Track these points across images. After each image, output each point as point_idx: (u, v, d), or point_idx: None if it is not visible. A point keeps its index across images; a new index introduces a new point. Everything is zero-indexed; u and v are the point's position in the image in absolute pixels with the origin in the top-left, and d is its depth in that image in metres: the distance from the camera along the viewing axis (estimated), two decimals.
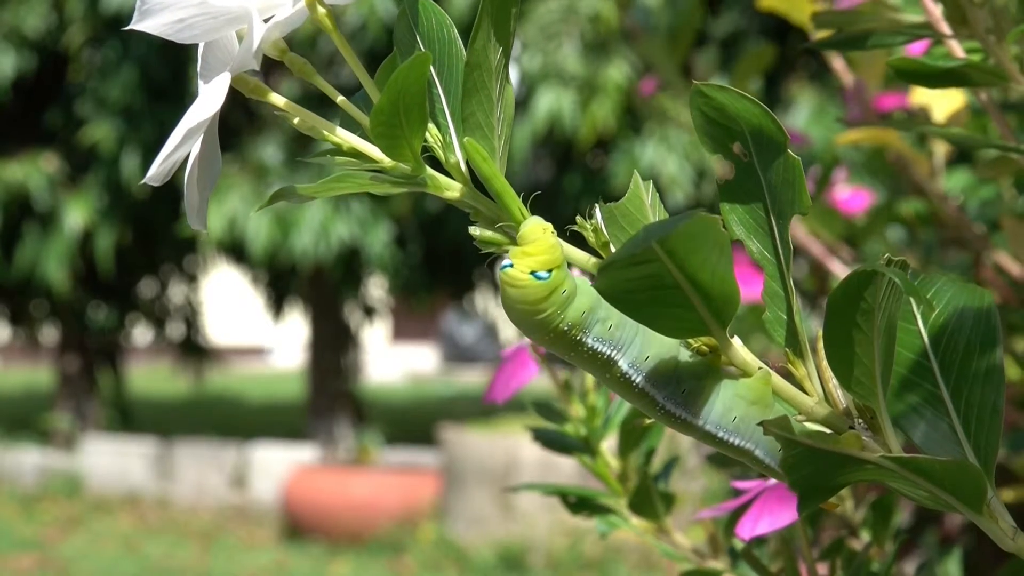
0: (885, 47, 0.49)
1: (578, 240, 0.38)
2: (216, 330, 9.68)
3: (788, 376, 0.37)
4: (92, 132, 5.98)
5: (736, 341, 0.37)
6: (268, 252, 5.79)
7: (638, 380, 0.37)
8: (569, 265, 0.37)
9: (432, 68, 0.38)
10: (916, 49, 0.78)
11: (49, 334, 7.85)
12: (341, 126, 0.38)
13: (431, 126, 0.38)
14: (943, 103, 0.77)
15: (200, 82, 0.39)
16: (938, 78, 0.48)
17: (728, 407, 0.37)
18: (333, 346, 6.81)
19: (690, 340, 0.37)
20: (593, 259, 0.37)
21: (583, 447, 0.57)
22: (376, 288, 7.12)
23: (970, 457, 0.36)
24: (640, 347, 0.37)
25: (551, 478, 4.54)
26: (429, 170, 0.38)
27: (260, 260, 5.94)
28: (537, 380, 0.61)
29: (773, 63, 1.02)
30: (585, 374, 0.58)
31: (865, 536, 0.58)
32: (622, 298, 0.34)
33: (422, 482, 5.29)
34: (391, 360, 14.61)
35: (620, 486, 0.57)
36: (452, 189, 0.38)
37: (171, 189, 6.05)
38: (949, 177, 0.88)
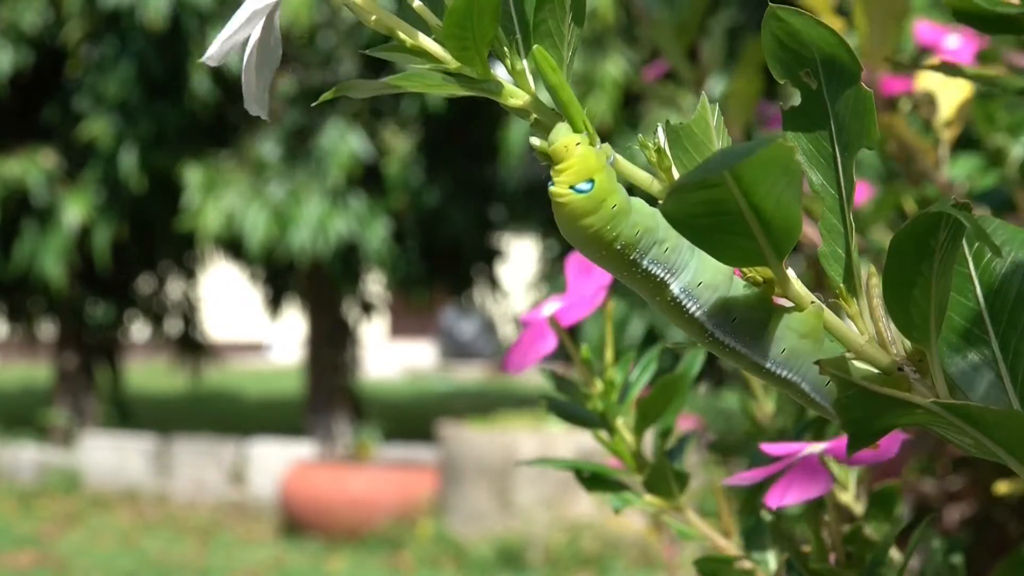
0: None
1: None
2: (214, 326, 9.68)
3: (838, 313, 0.37)
4: (90, 128, 5.97)
5: (791, 273, 0.36)
6: (266, 248, 5.78)
7: (690, 305, 0.36)
8: (629, 190, 0.36)
9: None
10: (924, 32, 0.79)
11: (47, 330, 7.84)
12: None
13: (499, 32, 0.37)
14: (950, 92, 0.77)
15: None
16: (995, 22, 0.47)
17: (778, 339, 0.37)
18: (331, 342, 6.81)
19: (745, 269, 0.36)
20: (655, 180, 0.36)
21: (599, 422, 0.57)
22: (374, 284, 7.12)
23: (1015, 404, 0.36)
24: (694, 272, 0.36)
25: (549, 473, 4.54)
26: (496, 75, 0.37)
27: (258, 256, 5.94)
28: (536, 378, 0.61)
29: None
30: (603, 352, 0.58)
31: (870, 525, 0.58)
32: (685, 222, 0.34)
33: (420, 478, 5.29)
34: (389, 356, 14.61)
35: (635, 463, 0.57)
36: (517, 97, 0.37)
37: (169, 187, 6.05)
38: (954, 164, 0.87)
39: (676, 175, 0.37)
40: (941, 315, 0.35)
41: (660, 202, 0.35)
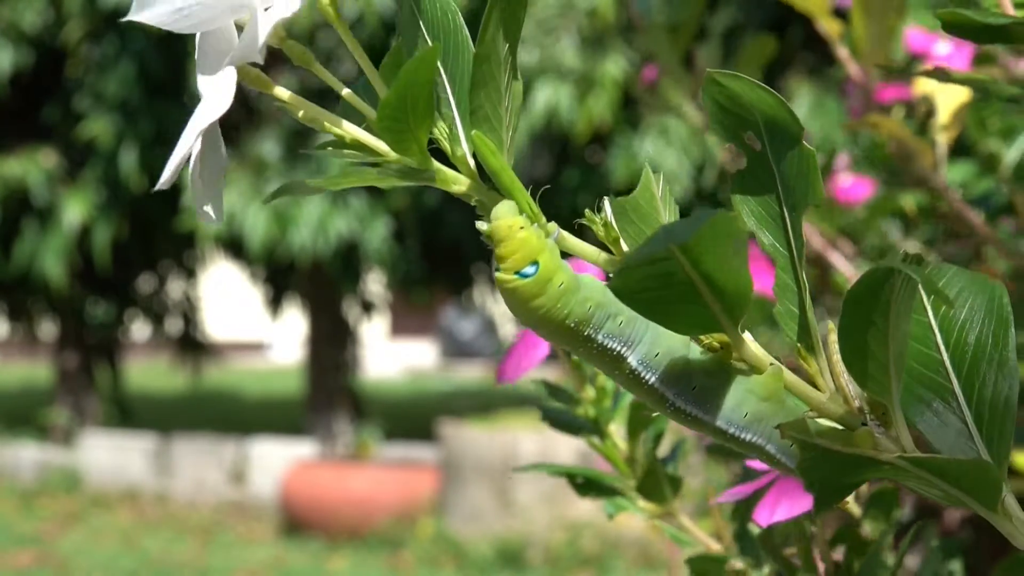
0: None
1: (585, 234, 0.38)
2: (215, 325, 9.68)
3: (798, 371, 0.37)
4: (90, 127, 5.97)
5: (748, 337, 0.37)
6: (266, 247, 5.79)
7: (648, 377, 0.36)
8: (566, 256, 0.37)
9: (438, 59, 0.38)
10: (915, 39, 0.79)
11: (48, 329, 7.84)
12: (343, 118, 0.38)
13: (437, 119, 0.38)
14: (947, 96, 0.77)
15: (199, 74, 0.38)
16: (985, 33, 0.47)
17: (739, 403, 0.37)
18: (332, 341, 6.81)
19: (702, 337, 0.37)
20: (603, 254, 0.37)
21: (591, 428, 0.57)
22: (375, 283, 7.12)
23: (982, 452, 0.36)
24: (651, 343, 0.36)
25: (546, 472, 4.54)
26: (436, 164, 0.37)
27: (258, 255, 5.94)
28: (537, 377, 0.61)
29: (771, 58, 1.02)
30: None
31: (867, 528, 0.58)
32: (635, 296, 0.34)
33: (421, 477, 5.29)
34: (390, 355, 14.61)
35: (628, 468, 0.57)
36: (459, 183, 0.37)
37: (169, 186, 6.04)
38: (950, 169, 0.88)
39: (625, 248, 0.37)
40: (900, 366, 0.35)
41: (609, 278, 0.35)
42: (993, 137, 0.86)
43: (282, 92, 0.38)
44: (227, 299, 13.28)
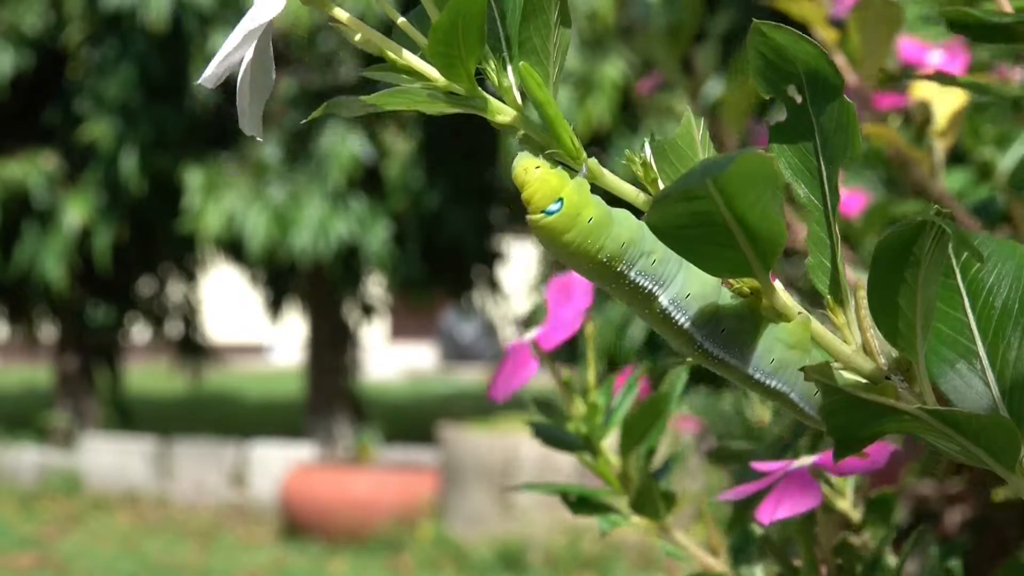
0: None
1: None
2: (215, 328, 9.68)
3: (827, 323, 0.37)
4: (90, 130, 5.97)
5: (778, 284, 0.37)
6: (267, 250, 5.79)
7: (679, 317, 0.37)
8: (611, 199, 0.37)
9: None
10: (908, 49, 0.79)
11: (48, 332, 7.84)
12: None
13: (486, 48, 0.38)
14: (943, 103, 0.77)
15: None
16: (991, 32, 0.47)
17: (766, 349, 0.37)
18: (332, 344, 6.81)
19: (732, 280, 0.37)
20: (641, 193, 0.37)
21: (583, 444, 0.57)
22: (375, 286, 7.12)
23: (1003, 413, 0.36)
24: (682, 284, 0.36)
25: (550, 476, 4.54)
26: (482, 92, 0.37)
27: (259, 258, 5.94)
28: (537, 380, 0.61)
29: None
30: (585, 372, 0.58)
31: (867, 531, 0.58)
32: (670, 233, 0.34)
33: (421, 480, 5.29)
34: (390, 358, 14.61)
35: (621, 484, 0.57)
36: (504, 113, 0.37)
37: (170, 189, 6.05)
38: (948, 176, 0.87)
39: (662, 188, 0.37)
40: (927, 324, 0.35)
41: (645, 214, 0.36)
42: (987, 145, 0.86)
43: (340, 13, 0.38)
44: (227, 302, 13.28)
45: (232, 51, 0.37)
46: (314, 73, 5.94)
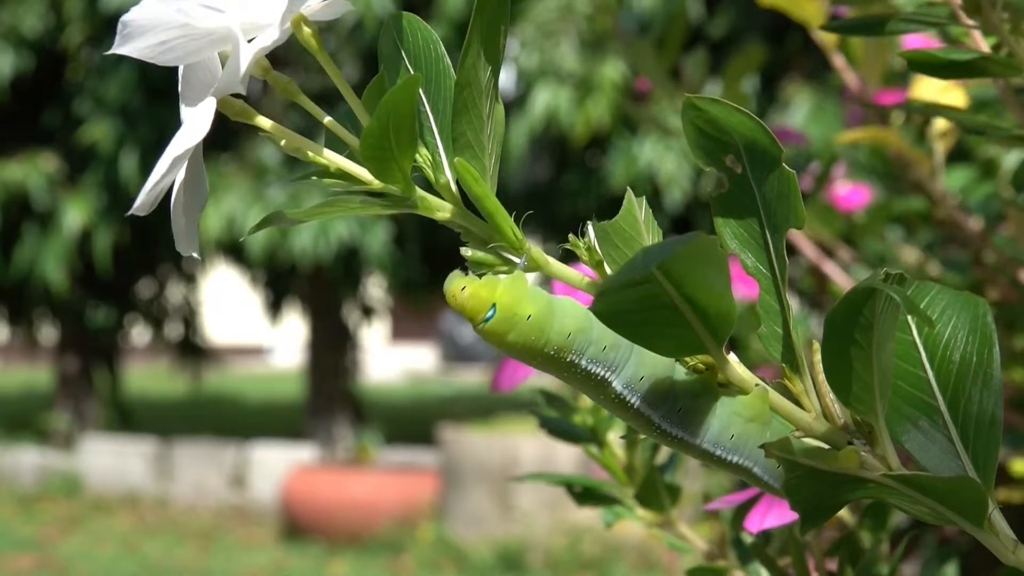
0: (902, 33, 0.49)
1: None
2: (215, 330, 9.68)
3: (785, 390, 0.37)
4: (90, 131, 5.97)
5: (732, 358, 0.37)
6: (267, 252, 5.79)
7: (634, 400, 0.37)
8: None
9: (419, 87, 0.38)
10: (913, 42, 0.78)
11: (48, 334, 7.84)
12: (326, 145, 0.38)
13: (420, 146, 0.38)
14: (945, 101, 0.76)
15: (183, 105, 0.39)
16: (950, 69, 0.48)
17: (725, 425, 0.37)
18: (332, 346, 6.81)
19: (687, 358, 0.37)
20: (586, 278, 0.37)
21: (589, 436, 0.57)
22: (375, 288, 7.12)
23: (969, 469, 0.36)
24: (635, 367, 0.36)
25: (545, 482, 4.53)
26: (419, 191, 0.38)
27: (259, 260, 5.94)
28: (537, 381, 0.61)
29: (770, 63, 1.02)
30: None
31: (863, 536, 0.58)
32: (618, 319, 0.34)
33: (421, 482, 5.29)
34: (390, 360, 14.61)
35: (626, 476, 0.57)
36: (443, 210, 0.38)
37: (169, 190, 6.04)
38: (949, 175, 0.87)
39: (609, 271, 0.37)
40: (886, 385, 0.35)
41: (591, 303, 0.36)
42: (991, 144, 0.86)
43: (264, 122, 0.38)
44: (227, 303, 13.28)
45: (162, 177, 0.37)
46: (313, 75, 5.94)
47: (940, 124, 0.83)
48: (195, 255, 0.40)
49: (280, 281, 7.01)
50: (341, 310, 6.89)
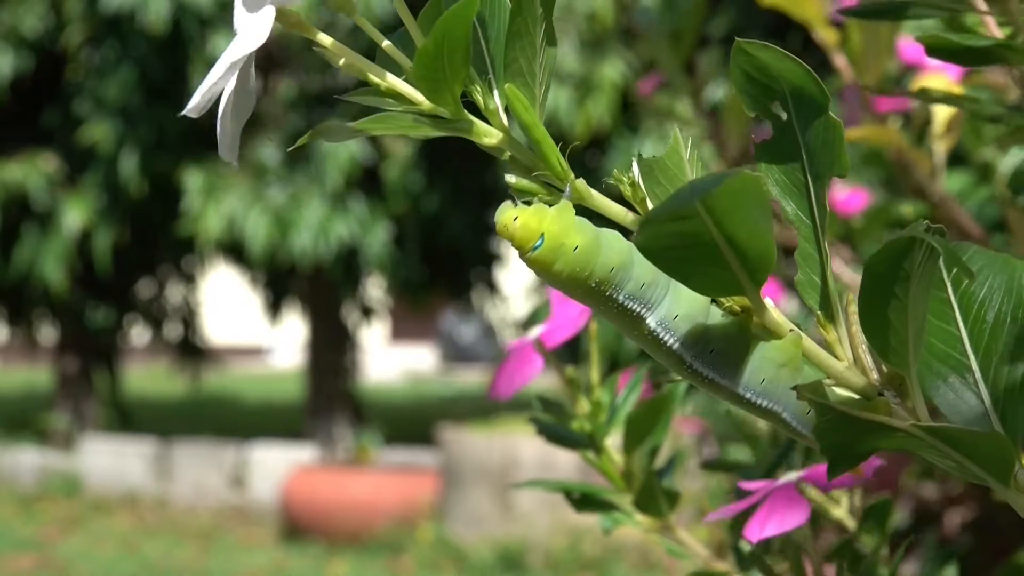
0: (921, 18, 0.49)
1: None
2: (214, 330, 9.68)
3: (818, 339, 0.37)
4: (90, 132, 5.97)
5: (768, 302, 0.37)
6: (267, 252, 5.78)
7: (667, 338, 0.37)
8: (595, 217, 0.37)
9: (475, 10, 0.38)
10: (908, 50, 0.79)
11: (48, 334, 7.84)
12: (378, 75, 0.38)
13: (472, 71, 0.38)
14: (944, 105, 0.76)
15: (239, 9, 0.38)
16: (967, 56, 0.47)
17: (757, 368, 0.37)
18: (332, 346, 6.81)
19: (722, 299, 0.37)
20: (630, 214, 0.37)
21: (587, 442, 0.57)
22: (375, 288, 7.12)
23: (997, 427, 0.36)
24: (670, 305, 0.37)
25: (550, 477, 4.53)
26: (469, 115, 0.38)
27: (259, 260, 5.94)
28: (540, 379, 0.61)
29: None
30: (590, 370, 0.59)
31: (863, 539, 0.58)
32: (660, 254, 0.34)
33: (421, 482, 5.29)
34: (390, 360, 14.60)
35: (624, 482, 0.57)
36: (491, 135, 0.38)
37: (169, 191, 6.05)
38: (949, 178, 0.87)
39: (651, 208, 0.37)
40: (919, 339, 0.35)
41: (633, 235, 0.36)
42: (988, 147, 0.85)
43: (324, 38, 0.38)
44: (227, 304, 13.28)
45: (217, 81, 0.37)
46: (313, 76, 5.94)
47: (940, 125, 0.83)
48: (234, 163, 0.40)
49: (280, 281, 7.01)
50: (341, 310, 6.89)
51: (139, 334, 8.12)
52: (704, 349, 0.37)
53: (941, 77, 0.79)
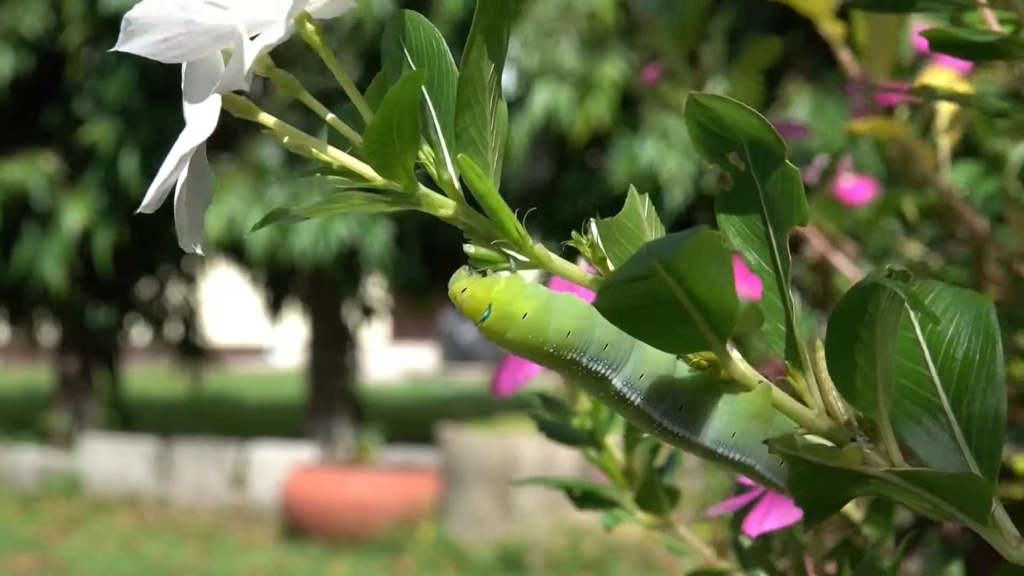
0: (928, 11, 0.49)
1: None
2: (215, 330, 9.68)
3: (787, 387, 0.37)
4: (90, 132, 5.97)
5: (735, 355, 0.37)
6: (267, 252, 5.78)
7: (634, 398, 0.36)
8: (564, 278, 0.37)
9: (423, 84, 0.38)
10: (920, 39, 0.78)
11: (48, 334, 7.84)
12: (328, 142, 0.38)
13: (423, 143, 0.38)
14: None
15: (186, 102, 0.38)
16: (971, 50, 0.47)
17: (728, 423, 0.37)
18: (332, 346, 6.81)
19: (689, 355, 0.37)
20: (589, 275, 0.37)
21: (588, 440, 0.57)
22: (375, 288, 7.12)
23: (972, 466, 0.36)
24: (635, 364, 0.36)
25: (550, 477, 4.53)
26: (423, 188, 0.37)
27: (259, 260, 5.94)
28: (537, 382, 0.61)
29: (773, 60, 1.02)
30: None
31: (867, 534, 0.58)
32: (621, 315, 0.34)
33: (421, 482, 5.28)
34: (390, 359, 14.61)
35: (625, 480, 0.57)
36: (446, 207, 0.38)
37: (170, 191, 6.04)
38: (954, 170, 0.87)
39: (612, 267, 0.37)
40: (888, 382, 0.35)
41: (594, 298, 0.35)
42: (1000, 137, 0.85)
43: (267, 119, 0.38)
44: (227, 304, 13.28)
45: (169, 175, 0.37)
46: (313, 76, 5.93)
47: (946, 118, 0.83)
48: (198, 251, 0.40)
49: (280, 281, 7.01)
50: (341, 310, 6.89)
51: (140, 334, 8.13)
52: (673, 406, 0.36)
53: (949, 71, 0.79)
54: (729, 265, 0.33)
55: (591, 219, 0.38)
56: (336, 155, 0.37)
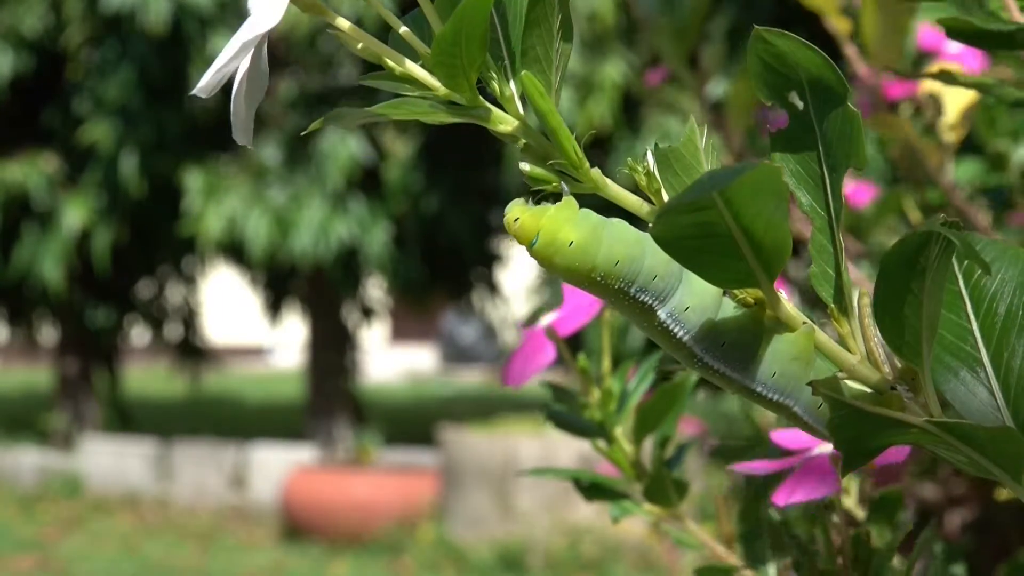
0: (940, 0, 0.49)
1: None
2: (215, 330, 9.68)
3: (830, 331, 0.37)
4: (90, 132, 5.97)
5: (782, 294, 0.36)
6: (267, 253, 5.78)
7: (678, 331, 0.36)
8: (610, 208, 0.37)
9: None
10: (927, 36, 0.78)
11: (48, 334, 7.84)
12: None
13: (488, 57, 0.38)
14: (955, 95, 0.76)
15: None
16: (989, 39, 0.47)
17: (769, 362, 0.36)
18: (332, 346, 6.81)
19: (735, 291, 0.36)
20: (645, 204, 0.36)
21: (597, 431, 0.56)
22: (375, 288, 7.12)
23: (1008, 421, 0.36)
24: (682, 296, 0.36)
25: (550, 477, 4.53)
26: (485, 102, 0.37)
27: (259, 261, 5.93)
28: (546, 374, 0.61)
29: None
30: (600, 359, 0.58)
31: (873, 529, 0.57)
32: (675, 244, 0.34)
33: (421, 482, 5.28)
34: (390, 360, 14.61)
35: (634, 471, 0.57)
36: (506, 123, 0.37)
37: (170, 191, 6.05)
38: (957, 168, 0.87)
39: (666, 198, 0.37)
40: (932, 333, 0.35)
41: (649, 225, 0.35)
42: (1003, 136, 0.85)
43: (342, 22, 0.38)
44: (227, 304, 13.28)
45: (228, 61, 0.36)
46: (314, 75, 5.93)
47: (950, 116, 0.83)
48: (249, 145, 0.40)
49: (280, 282, 7.01)
50: (341, 311, 6.89)
51: (139, 334, 8.12)
52: (715, 342, 0.36)
53: (957, 67, 0.78)
54: (786, 202, 0.33)
55: (647, 149, 0.37)
56: (404, 63, 0.37)
